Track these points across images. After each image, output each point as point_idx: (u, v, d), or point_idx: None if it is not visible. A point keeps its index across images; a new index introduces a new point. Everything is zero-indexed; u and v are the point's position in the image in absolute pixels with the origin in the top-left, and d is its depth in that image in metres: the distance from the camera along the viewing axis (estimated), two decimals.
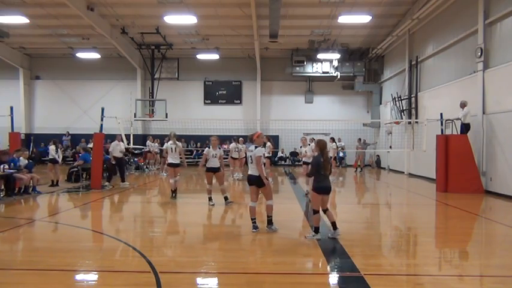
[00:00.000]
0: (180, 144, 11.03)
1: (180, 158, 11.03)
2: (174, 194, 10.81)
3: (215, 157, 9.60)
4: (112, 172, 17.27)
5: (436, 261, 5.78)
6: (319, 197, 6.48)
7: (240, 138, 17.57)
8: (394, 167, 21.64)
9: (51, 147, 13.42)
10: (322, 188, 6.49)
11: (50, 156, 13.30)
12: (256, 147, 7.18)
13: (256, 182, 7.12)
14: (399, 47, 20.80)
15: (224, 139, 21.26)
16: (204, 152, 9.75)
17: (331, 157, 16.22)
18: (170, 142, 10.82)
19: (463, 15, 14.13)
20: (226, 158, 16.61)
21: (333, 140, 17.45)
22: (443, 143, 12.88)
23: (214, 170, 9.66)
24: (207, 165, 9.61)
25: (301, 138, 12.89)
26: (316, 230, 6.50)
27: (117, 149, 13.75)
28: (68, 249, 6.04)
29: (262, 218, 7.42)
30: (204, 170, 9.76)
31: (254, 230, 7.03)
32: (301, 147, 12.59)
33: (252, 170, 7.17)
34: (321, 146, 6.63)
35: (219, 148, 10.06)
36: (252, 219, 7.17)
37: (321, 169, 6.45)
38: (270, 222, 7.16)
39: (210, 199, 9.84)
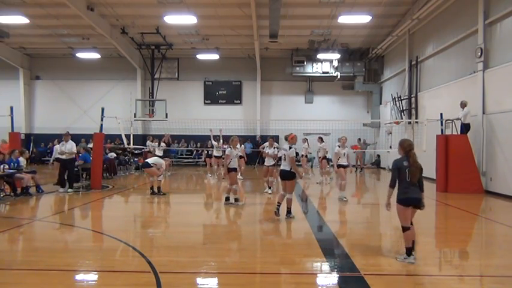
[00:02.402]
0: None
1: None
2: (152, 191, 11.46)
3: (236, 157, 9.72)
4: (111, 172, 17.26)
5: (436, 261, 5.78)
6: (407, 211, 5.35)
7: (240, 139, 17.60)
8: None
9: (56, 147, 13.63)
10: (408, 200, 5.34)
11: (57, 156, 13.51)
12: (290, 147, 8.04)
13: (286, 176, 8.02)
14: (399, 47, 20.79)
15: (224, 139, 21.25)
16: (227, 153, 9.73)
17: (320, 157, 16.21)
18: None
19: (463, 15, 14.13)
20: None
21: (321, 139, 16.26)
22: (443, 143, 12.88)
23: (235, 170, 9.75)
24: (230, 166, 9.64)
25: (340, 137, 11.26)
26: (409, 252, 5.34)
27: (61, 149, 11.99)
28: (68, 249, 6.05)
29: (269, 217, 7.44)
30: (226, 171, 9.78)
31: (276, 211, 8.05)
32: (339, 146, 11.12)
33: (284, 166, 8.07)
34: (406, 146, 5.47)
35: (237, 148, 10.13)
36: (277, 203, 8.17)
37: (406, 175, 5.32)
38: (289, 211, 8.12)
39: (227, 199, 9.79)
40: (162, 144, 17.81)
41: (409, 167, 5.32)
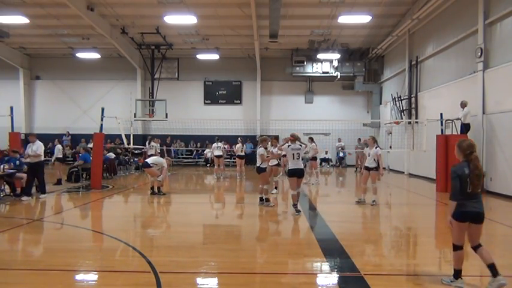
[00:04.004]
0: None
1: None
2: (152, 191, 11.45)
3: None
4: (111, 172, 17.21)
5: (436, 261, 5.78)
6: (463, 226, 4.48)
7: (238, 138, 17.66)
8: (394, 167, 21.63)
9: (58, 147, 13.92)
10: (465, 214, 4.45)
11: (59, 155, 13.79)
12: (300, 145, 8.81)
13: (299, 173, 8.72)
14: (399, 47, 20.79)
15: (224, 139, 21.25)
16: (260, 153, 9.69)
17: (311, 158, 16.00)
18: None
19: (463, 15, 14.13)
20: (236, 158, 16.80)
21: (311, 139, 15.52)
22: (443, 143, 12.88)
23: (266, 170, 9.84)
24: (262, 166, 9.67)
25: (368, 138, 10.53)
26: (457, 275, 4.57)
27: (27, 151, 10.69)
28: (68, 249, 6.04)
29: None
30: (261, 170, 9.71)
31: (297, 214, 8.56)
32: (367, 146, 10.59)
33: (296, 165, 8.69)
34: (465, 148, 4.47)
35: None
36: (294, 204, 8.71)
37: (466, 185, 4.40)
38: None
39: (268, 200, 9.85)
40: (153, 144, 17.91)
41: (470, 174, 4.38)
